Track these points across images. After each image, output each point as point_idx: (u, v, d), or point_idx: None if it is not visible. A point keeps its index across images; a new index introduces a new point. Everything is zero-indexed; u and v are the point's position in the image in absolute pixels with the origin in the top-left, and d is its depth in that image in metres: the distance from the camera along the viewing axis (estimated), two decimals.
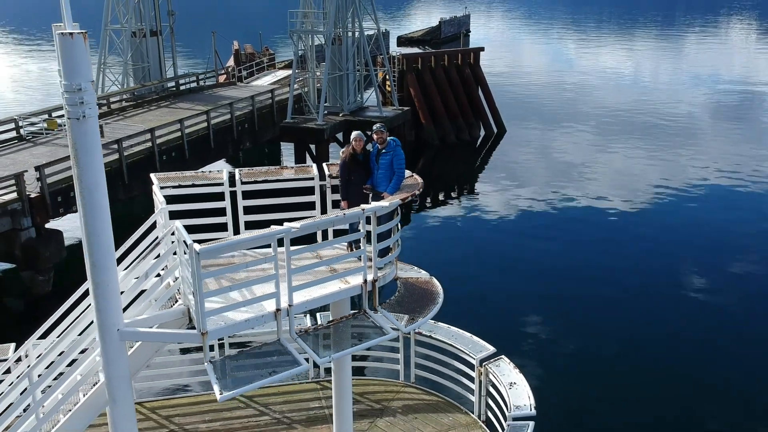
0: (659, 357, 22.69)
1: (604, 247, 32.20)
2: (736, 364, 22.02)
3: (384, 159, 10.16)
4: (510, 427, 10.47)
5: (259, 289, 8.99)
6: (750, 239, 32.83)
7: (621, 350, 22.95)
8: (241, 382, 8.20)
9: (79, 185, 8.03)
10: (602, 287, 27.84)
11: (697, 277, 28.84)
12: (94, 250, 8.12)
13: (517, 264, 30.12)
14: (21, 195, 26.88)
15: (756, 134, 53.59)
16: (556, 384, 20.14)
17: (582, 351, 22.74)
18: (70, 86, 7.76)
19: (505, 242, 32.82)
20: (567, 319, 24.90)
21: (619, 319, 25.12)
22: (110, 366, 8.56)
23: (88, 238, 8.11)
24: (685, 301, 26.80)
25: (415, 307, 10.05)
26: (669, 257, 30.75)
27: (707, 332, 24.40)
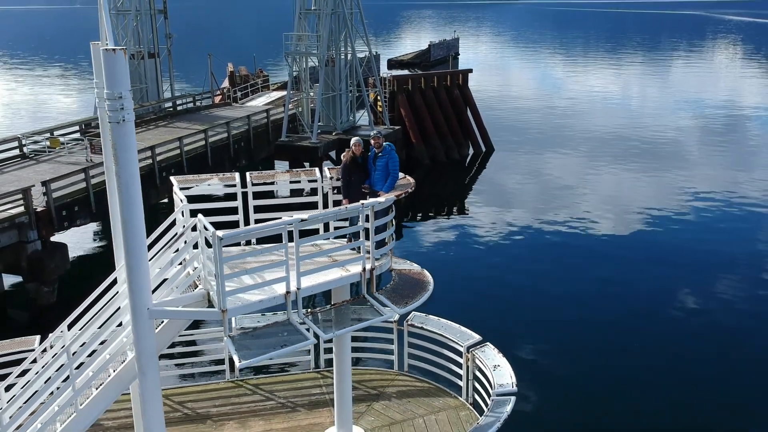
0: (633, 340, 25.02)
1: (587, 256, 33.60)
2: (717, 368, 23.13)
3: (380, 162, 11.43)
4: (494, 402, 11.65)
5: (269, 275, 10.19)
6: (736, 260, 33.48)
7: (599, 336, 25.36)
8: (257, 352, 9.38)
9: (117, 180, 9.21)
10: (583, 288, 29.87)
11: (680, 288, 30.02)
12: (129, 238, 9.30)
13: (503, 270, 32.17)
14: (28, 209, 27.92)
15: (741, 156, 54.90)
16: (537, 366, 22.56)
17: (561, 338, 25.05)
18: (111, 94, 8.96)
19: (493, 252, 34.33)
20: (547, 312, 27.37)
21: (597, 311, 27.58)
22: (140, 342, 9.72)
23: (125, 227, 9.28)
24: (665, 302, 28.21)
25: (409, 293, 11.26)
26: (652, 267, 32.11)
27: (683, 329, 25.97)
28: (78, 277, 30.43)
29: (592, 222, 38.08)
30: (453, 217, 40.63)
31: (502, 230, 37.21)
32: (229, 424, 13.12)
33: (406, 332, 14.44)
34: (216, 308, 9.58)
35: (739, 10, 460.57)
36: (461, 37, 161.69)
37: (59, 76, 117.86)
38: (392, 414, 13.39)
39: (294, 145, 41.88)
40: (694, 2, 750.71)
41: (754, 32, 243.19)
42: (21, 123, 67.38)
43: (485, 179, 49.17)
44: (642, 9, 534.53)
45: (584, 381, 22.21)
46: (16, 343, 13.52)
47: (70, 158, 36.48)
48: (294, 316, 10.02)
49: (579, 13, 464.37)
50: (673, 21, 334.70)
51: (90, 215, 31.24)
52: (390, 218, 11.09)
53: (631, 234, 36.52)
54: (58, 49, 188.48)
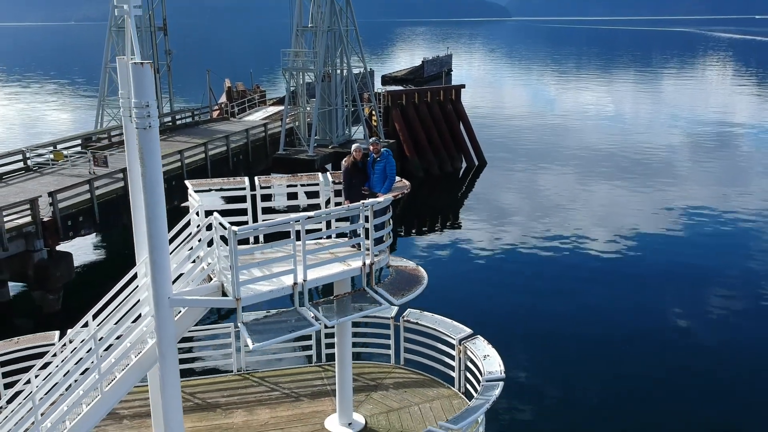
0: (616, 334, 26.80)
1: (575, 262, 34.68)
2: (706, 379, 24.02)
3: (378, 166, 12.48)
4: (483, 387, 12.63)
5: (278, 268, 11.20)
6: (729, 274, 34.10)
7: (584, 330, 27.24)
8: (269, 336, 10.38)
9: (143, 181, 10.22)
10: (570, 288, 31.43)
11: (665, 295, 31.13)
12: (153, 233, 10.31)
13: (494, 272, 33.94)
14: (35, 219, 28.82)
15: (732, 172, 55.74)
16: (525, 355, 24.33)
17: (547, 330, 27.04)
18: (139, 103, 9.99)
19: (485, 257, 35.61)
20: (534, 308, 29.36)
21: (582, 308, 29.47)
22: (162, 328, 10.70)
23: (149, 224, 10.29)
24: (649, 306, 29.34)
25: (405, 286, 12.27)
26: (638, 274, 33.22)
27: (665, 330, 27.15)
28: (82, 286, 31.26)
29: (581, 233, 39.13)
30: (446, 228, 41.75)
31: (494, 238, 38.44)
32: (237, 412, 14.06)
33: (402, 328, 15.42)
34: (230, 297, 10.58)
35: (729, 27, 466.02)
36: (454, 54, 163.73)
37: (55, 92, 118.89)
38: (389, 402, 14.34)
39: (291, 158, 42.96)
40: (684, 20, 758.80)
41: (743, 49, 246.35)
42: (18, 138, 68.33)
43: (478, 192, 50.32)
44: (633, 26, 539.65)
45: (569, 369, 24.05)
46: (37, 338, 14.44)
47: (73, 171, 37.40)
48: (301, 305, 11.02)
49: (571, 30, 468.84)
50: (664, 38, 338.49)
51: (94, 225, 32.18)
52: (388, 217, 12.11)
53: (620, 245, 37.52)
54: (54, 65, 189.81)
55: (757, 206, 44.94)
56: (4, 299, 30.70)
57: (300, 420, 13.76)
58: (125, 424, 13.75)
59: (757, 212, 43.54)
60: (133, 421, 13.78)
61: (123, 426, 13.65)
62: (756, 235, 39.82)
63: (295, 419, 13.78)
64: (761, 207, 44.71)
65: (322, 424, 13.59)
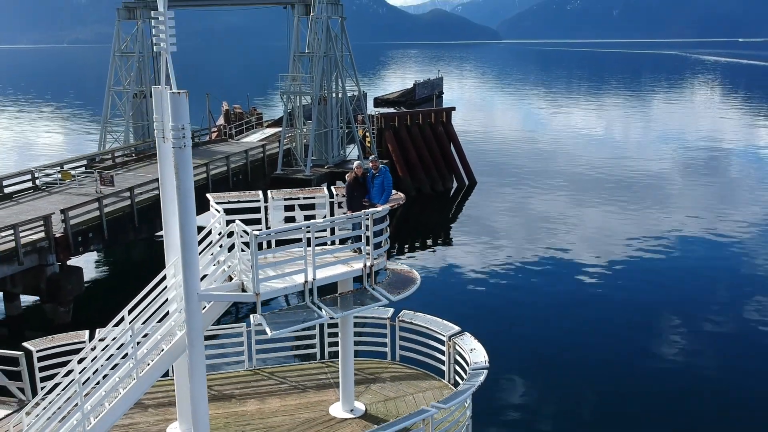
0: (596, 334, 29.24)
1: (560, 273, 36.57)
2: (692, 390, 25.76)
3: (377, 180, 14.24)
4: (470, 374, 14.30)
5: (290, 268, 12.90)
6: (720, 290, 35.74)
7: (565, 329, 30.37)
8: (284, 325, 12.06)
9: (177, 192, 11.92)
10: (553, 293, 33.75)
11: (656, 301, 33.18)
12: (185, 237, 11.99)
13: (482, 280, 36.28)
14: (48, 234, 30.45)
15: (720, 192, 57.61)
16: (507, 349, 26.87)
17: (530, 327, 30.33)
18: (176, 126, 11.71)
19: (473, 268, 37.66)
20: (519, 308, 32.71)
21: (566, 310, 32.37)
22: (191, 320, 12.36)
23: (182, 228, 11.97)
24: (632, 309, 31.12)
25: (400, 286, 13.98)
26: (625, 280, 35.10)
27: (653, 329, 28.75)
28: (92, 298, 32.83)
29: (566, 249, 40.98)
30: (438, 243, 43.60)
31: (482, 252, 40.62)
32: (250, 401, 15.67)
33: (397, 327, 17.08)
34: (251, 292, 12.27)
35: (714, 50, 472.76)
36: (445, 76, 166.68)
37: (52, 114, 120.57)
38: (387, 393, 15.98)
39: (289, 177, 44.70)
40: (673, 43, 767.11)
41: (728, 72, 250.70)
42: (15, 159, 69.95)
43: (468, 210, 52.21)
44: (623, 49, 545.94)
45: (551, 361, 26.99)
46: (70, 336, 16.04)
47: (80, 190, 39.05)
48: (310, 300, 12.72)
49: (561, 53, 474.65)
50: (653, 61, 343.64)
51: (103, 241, 33.77)
52: (385, 225, 13.84)
53: (604, 259, 39.33)
54: (49, 87, 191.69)
55: (744, 227, 46.41)
56: (17, 312, 32.25)
57: (307, 408, 15.38)
58: (150, 412, 15.34)
59: (745, 232, 45.00)
60: (157, 410, 15.37)
61: (148, 414, 15.24)
62: (744, 254, 41.15)
63: (302, 407, 15.41)
64: (749, 228, 46.24)
65: (327, 410, 15.22)
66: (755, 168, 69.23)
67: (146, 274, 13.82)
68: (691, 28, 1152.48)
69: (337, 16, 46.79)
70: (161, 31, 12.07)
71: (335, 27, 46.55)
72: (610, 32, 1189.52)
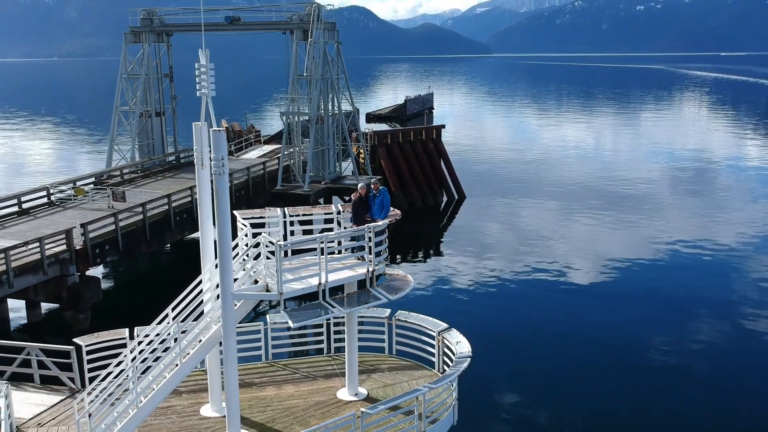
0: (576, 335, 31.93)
1: (538, 277, 39.29)
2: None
3: (378, 199, 17.00)
4: (455, 362, 17.02)
5: (306, 272, 15.61)
6: (709, 302, 37.23)
7: (543, 323, 33.80)
8: (303, 318, 14.77)
9: (217, 210, 14.63)
10: (533, 294, 36.85)
11: (644, 317, 35.42)
12: (223, 247, 14.68)
13: (467, 286, 39.27)
14: (69, 247, 33.01)
15: (708, 204, 60.09)
16: (490, 342, 29.84)
17: (512, 324, 34.03)
18: (217, 157, 14.43)
19: (461, 274, 40.35)
20: (499, 308, 36.28)
21: (544, 306, 35.71)
22: (226, 315, 15.04)
23: (220, 239, 14.66)
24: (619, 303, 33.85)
25: (397, 288, 16.71)
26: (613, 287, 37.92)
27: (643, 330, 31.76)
28: (108, 306, 35.33)
29: (547, 255, 43.86)
30: (429, 253, 46.56)
31: (469, 259, 43.83)
32: (269, 387, 18.32)
33: (394, 325, 19.77)
34: (275, 292, 14.97)
35: (697, 64, 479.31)
36: (436, 91, 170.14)
37: (49, 130, 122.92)
38: (385, 381, 18.66)
39: (288, 192, 47.38)
40: (658, 57, 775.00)
41: (711, 86, 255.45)
42: (14, 176, 72.45)
43: (457, 222, 55.18)
44: (612, 63, 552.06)
45: (530, 353, 30.42)
46: (112, 333, 18.64)
47: (93, 205, 41.59)
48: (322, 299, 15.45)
49: (551, 67, 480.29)
50: (640, 75, 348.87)
51: (117, 253, 36.31)
52: (384, 237, 16.58)
53: (591, 265, 42.19)
54: (44, 102, 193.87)
55: (732, 236, 48.84)
56: (37, 319, 34.74)
57: (317, 393, 18.05)
58: (183, 397, 17.95)
59: (733, 244, 47.27)
60: (189, 396, 17.99)
61: (182, 398, 17.86)
62: (731, 265, 43.23)
63: (313, 392, 18.07)
64: (737, 237, 48.77)
65: (335, 395, 17.89)
66: (739, 181, 72.38)
67: (157, 283, 16.63)
68: (679, 41, 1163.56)
69: (333, 41, 49.69)
70: (203, 78, 14.79)
71: (331, 51, 49.43)
72: (598, 46, 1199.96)
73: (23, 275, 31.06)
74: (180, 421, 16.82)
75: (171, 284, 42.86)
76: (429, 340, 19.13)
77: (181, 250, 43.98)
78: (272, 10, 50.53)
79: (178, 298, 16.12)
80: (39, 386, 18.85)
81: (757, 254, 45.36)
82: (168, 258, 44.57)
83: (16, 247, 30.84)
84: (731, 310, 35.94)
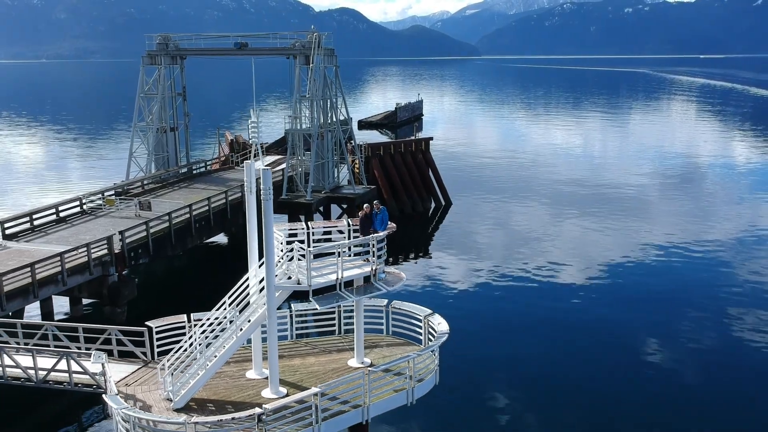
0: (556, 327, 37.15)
1: (516, 275, 45.08)
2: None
3: (379, 216, 22.73)
4: (436, 337, 22.79)
5: (326, 270, 21.36)
6: (699, 301, 39.99)
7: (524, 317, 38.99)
8: (327, 302, 20.55)
9: (264, 225, 20.31)
10: (508, 287, 41.50)
11: (633, 314, 39.50)
12: (268, 250, 20.36)
13: (449, 280, 44.77)
14: (110, 251, 38.56)
15: (694, 205, 64.75)
16: (466, 325, 35.58)
17: (486, 311, 39.86)
18: (266, 188, 20.13)
19: (443, 271, 46.01)
20: (474, 297, 42.24)
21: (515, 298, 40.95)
22: (270, 301, 20.73)
23: (266, 245, 20.34)
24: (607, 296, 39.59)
25: (393, 281, 22.48)
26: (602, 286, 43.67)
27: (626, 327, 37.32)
28: (142, 302, 40.82)
29: (530, 253, 49.66)
30: (419, 255, 52.15)
31: (453, 258, 49.66)
32: (295, 359, 24.01)
33: (390, 311, 25.53)
34: (305, 285, 20.69)
35: (692, 68, 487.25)
36: (426, 98, 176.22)
37: (48, 136, 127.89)
38: (384, 354, 24.39)
39: (292, 201, 52.96)
40: (644, 59, 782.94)
41: (703, 91, 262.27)
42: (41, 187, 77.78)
43: (443, 226, 61.11)
44: (600, 66, 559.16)
45: (503, 335, 36.25)
46: (174, 318, 24.26)
47: (121, 213, 47.07)
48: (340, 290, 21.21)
49: (539, 71, 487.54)
50: (626, 79, 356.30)
51: (148, 256, 41.84)
52: (384, 244, 22.34)
53: (571, 264, 47.69)
54: (40, 105, 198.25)
55: (718, 237, 53.08)
56: (78, 314, 40.23)
57: (333, 362, 23.78)
58: (231, 366, 23.61)
59: (720, 243, 51.55)
60: (236, 364, 23.67)
61: (231, 366, 23.48)
62: (719, 263, 46.73)
63: (330, 362, 23.81)
64: (723, 238, 53.12)
65: (346, 363, 23.63)
66: (723, 182, 78.12)
67: (182, 281, 22.15)
68: (666, 44, 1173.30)
69: (332, 65, 55.39)
70: (253, 129, 20.54)
71: (330, 74, 55.13)
72: (587, 48, 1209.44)
73: (74, 275, 36.57)
74: (232, 381, 22.52)
75: (194, 282, 49.29)
76: (417, 322, 24.90)
77: (199, 253, 49.61)
78: (277, 37, 56.12)
79: (231, 290, 21.83)
80: (117, 359, 24.51)
81: (743, 254, 48.99)
82: (189, 260, 50.14)
83: (68, 251, 36.38)
84: (718, 310, 38.62)
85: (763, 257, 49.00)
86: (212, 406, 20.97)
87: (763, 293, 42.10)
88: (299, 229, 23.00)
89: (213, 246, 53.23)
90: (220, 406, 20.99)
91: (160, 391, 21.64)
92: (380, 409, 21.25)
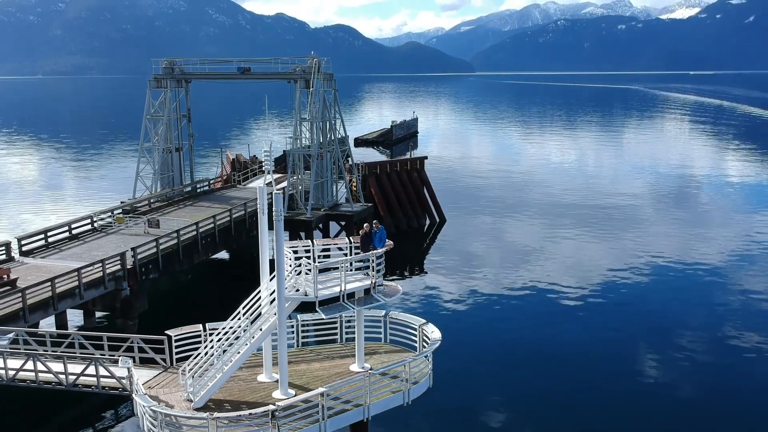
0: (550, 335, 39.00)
1: (509, 282, 47.50)
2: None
3: (378, 234, 25.20)
4: (430, 344, 25.19)
5: (331, 283, 23.78)
6: (692, 317, 40.75)
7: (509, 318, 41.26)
8: (332, 312, 22.98)
9: (275, 242, 22.76)
10: (500, 296, 43.88)
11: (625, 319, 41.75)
12: (279, 266, 22.80)
13: (442, 293, 46.98)
14: (123, 266, 40.90)
15: (689, 219, 66.65)
16: (456, 332, 37.47)
17: (476, 321, 41.96)
18: (277, 209, 22.60)
19: (436, 283, 48.44)
20: (466, 308, 44.08)
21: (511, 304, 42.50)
22: (281, 310, 23.14)
23: (277, 260, 22.78)
24: None
25: (391, 293, 24.92)
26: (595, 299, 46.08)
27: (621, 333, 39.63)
28: (152, 315, 43.09)
29: (519, 265, 52.10)
30: (414, 269, 54.60)
31: (446, 271, 52.04)
32: (301, 364, 26.38)
33: (387, 321, 27.95)
34: (312, 296, 23.11)
35: (684, 84, 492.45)
36: (420, 115, 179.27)
37: (50, 155, 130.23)
38: (382, 360, 26.80)
39: (293, 219, 55.38)
40: (637, 75, 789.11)
41: (694, 108, 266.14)
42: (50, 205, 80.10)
43: (438, 242, 63.58)
44: (594, 83, 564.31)
45: (493, 342, 38.59)
46: (190, 328, 26.62)
47: (130, 231, 49.44)
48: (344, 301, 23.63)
49: (533, 87, 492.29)
50: (619, 95, 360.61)
51: (158, 271, 44.19)
52: (382, 259, 24.78)
53: (569, 279, 49.77)
54: (35, 123, 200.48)
55: (712, 253, 54.82)
56: (91, 326, 42.50)
57: (336, 367, 26.16)
58: (244, 370, 25.97)
59: (713, 258, 53.19)
60: (248, 369, 26.02)
61: (243, 371, 25.84)
62: (712, 278, 48.01)
63: (333, 367, 26.18)
64: (716, 253, 54.94)
65: (348, 368, 26.00)
66: (716, 198, 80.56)
67: (189, 295, 24.35)
68: (659, 60, 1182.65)
69: (331, 89, 58.08)
70: (267, 160, 23.04)
71: (329, 97, 57.80)
72: (581, 64, 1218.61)
73: (89, 289, 38.89)
74: (245, 384, 24.89)
75: (200, 295, 51.66)
76: (412, 331, 27.32)
77: (204, 268, 51.99)
78: (278, 63, 58.80)
79: (236, 302, 24.23)
80: (139, 365, 26.85)
81: (736, 269, 50.54)
82: (195, 274, 52.47)
83: (85, 267, 38.72)
84: (712, 326, 39.73)
85: (756, 273, 50.36)
86: (228, 406, 23.31)
87: (757, 309, 43.22)
88: (300, 246, 25.44)
89: (216, 261, 55.57)
90: (235, 405, 23.34)
91: (181, 393, 23.99)
92: (379, 409, 23.62)
